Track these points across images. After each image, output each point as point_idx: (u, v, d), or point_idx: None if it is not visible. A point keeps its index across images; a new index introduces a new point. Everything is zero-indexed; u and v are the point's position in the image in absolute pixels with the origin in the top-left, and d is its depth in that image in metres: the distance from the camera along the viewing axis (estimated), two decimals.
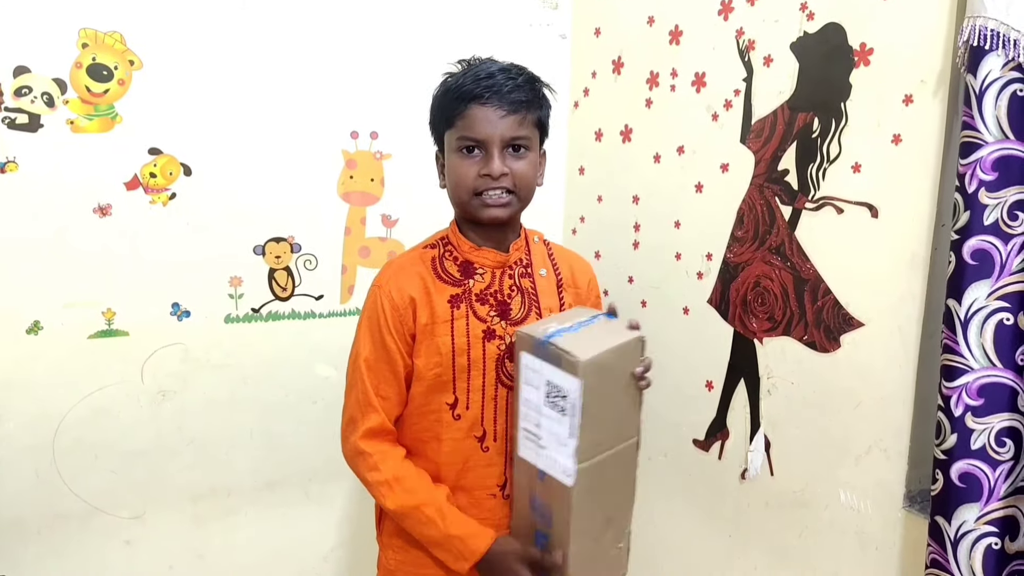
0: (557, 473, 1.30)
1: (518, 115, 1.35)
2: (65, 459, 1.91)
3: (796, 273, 1.74)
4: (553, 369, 1.28)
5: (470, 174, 1.35)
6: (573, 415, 1.26)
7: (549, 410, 1.30)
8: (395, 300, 1.39)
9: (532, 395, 1.33)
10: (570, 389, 1.26)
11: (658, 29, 2.07)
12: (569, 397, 1.26)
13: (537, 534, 1.37)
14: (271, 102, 2.02)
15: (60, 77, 1.80)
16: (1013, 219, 1.32)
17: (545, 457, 1.32)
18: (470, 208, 1.38)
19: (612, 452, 1.34)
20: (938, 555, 1.40)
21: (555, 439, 1.30)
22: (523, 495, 1.39)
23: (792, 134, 1.73)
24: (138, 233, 1.91)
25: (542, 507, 1.35)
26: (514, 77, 1.36)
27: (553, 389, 1.29)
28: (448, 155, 1.39)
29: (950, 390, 1.37)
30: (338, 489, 2.25)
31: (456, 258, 1.43)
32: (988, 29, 1.32)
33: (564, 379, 1.27)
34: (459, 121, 1.35)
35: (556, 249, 1.54)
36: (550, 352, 1.28)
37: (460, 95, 1.34)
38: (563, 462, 1.29)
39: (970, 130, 1.34)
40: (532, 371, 1.32)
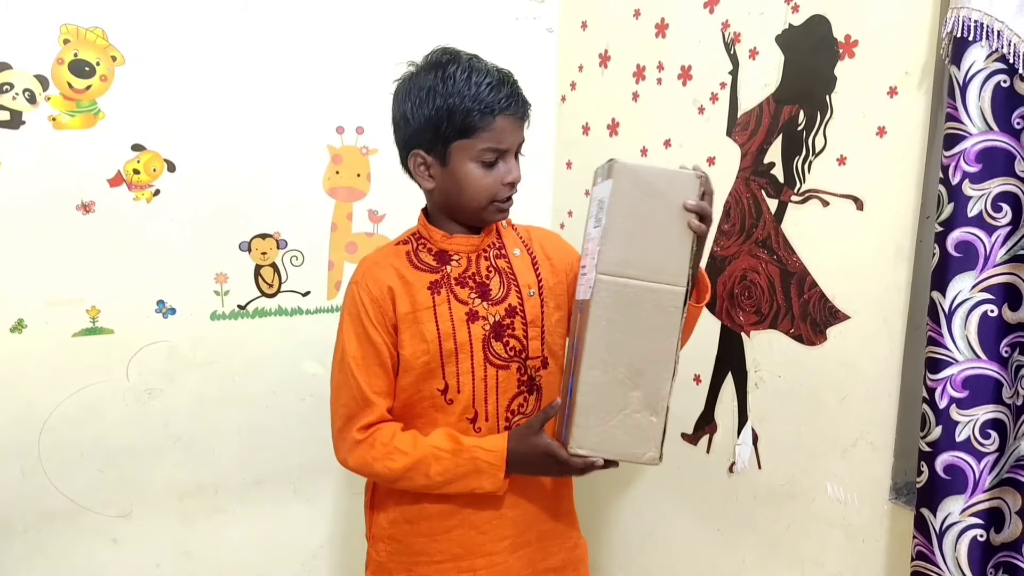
0: (584, 292, 1.25)
1: (526, 121, 1.41)
2: (51, 458, 1.90)
3: (782, 266, 1.74)
4: (601, 184, 1.26)
5: (495, 183, 1.37)
6: (603, 222, 1.21)
7: (593, 230, 1.27)
8: (373, 293, 1.40)
9: (589, 225, 1.30)
10: (606, 195, 1.21)
11: (644, 22, 2.06)
12: (605, 203, 1.21)
13: (570, 378, 1.29)
14: (256, 97, 2.00)
15: (42, 73, 1.78)
16: (997, 211, 1.32)
17: (584, 285, 1.28)
18: (484, 213, 1.40)
19: (647, 286, 1.24)
20: (924, 547, 1.40)
21: (592, 259, 1.24)
22: (571, 342, 1.34)
23: (778, 127, 1.73)
24: (122, 230, 1.90)
25: (575, 344, 1.29)
26: (514, 83, 1.38)
27: (598, 206, 1.25)
28: (460, 163, 1.36)
29: (935, 382, 1.37)
30: (326, 485, 2.24)
31: (430, 249, 1.44)
32: (972, 20, 1.31)
33: (604, 187, 1.23)
34: (484, 133, 1.34)
35: (522, 230, 1.55)
36: (606, 168, 1.26)
37: (486, 107, 1.32)
38: (590, 275, 1.24)
39: (954, 122, 1.33)
40: (594, 201, 1.29)
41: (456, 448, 1.36)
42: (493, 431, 1.43)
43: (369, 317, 1.39)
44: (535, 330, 1.45)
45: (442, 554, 1.45)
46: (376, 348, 1.40)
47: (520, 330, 1.44)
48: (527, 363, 1.44)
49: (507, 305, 1.43)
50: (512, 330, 1.43)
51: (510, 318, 1.43)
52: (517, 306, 1.44)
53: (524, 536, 1.48)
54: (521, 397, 1.45)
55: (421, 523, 1.45)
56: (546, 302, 1.47)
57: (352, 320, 1.41)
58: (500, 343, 1.42)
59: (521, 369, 1.44)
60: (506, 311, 1.43)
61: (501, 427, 1.44)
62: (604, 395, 1.26)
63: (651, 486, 2.13)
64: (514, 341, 1.43)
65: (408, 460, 1.36)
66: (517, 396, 1.44)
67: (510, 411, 1.44)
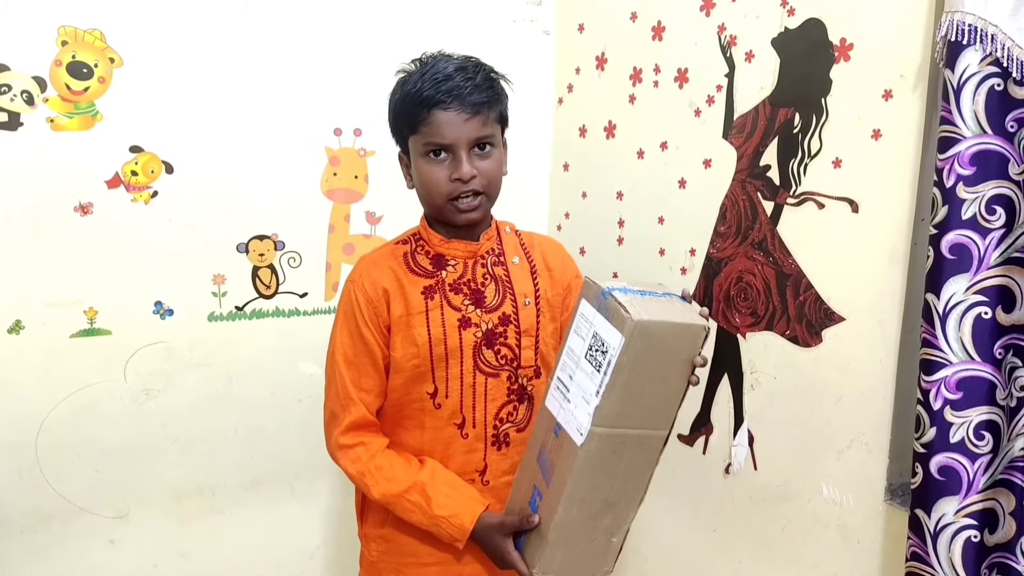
0: (572, 429, 1.25)
1: (480, 116, 1.35)
2: (48, 459, 1.91)
3: (778, 268, 1.74)
4: (604, 322, 1.22)
5: (441, 179, 1.35)
6: (606, 373, 1.20)
7: (587, 363, 1.25)
8: (369, 293, 1.40)
9: (577, 345, 1.27)
10: (612, 345, 1.20)
11: (641, 25, 2.07)
12: (608, 353, 1.20)
13: (535, 490, 1.33)
14: (253, 99, 2.01)
15: (40, 75, 1.79)
16: (991, 213, 1.33)
17: (567, 411, 1.27)
18: (444, 212, 1.39)
19: (636, 434, 1.26)
20: (918, 548, 1.41)
21: (582, 394, 1.24)
22: (535, 446, 1.34)
23: (774, 129, 1.74)
24: (120, 232, 1.90)
25: (547, 463, 1.30)
26: (472, 76, 1.35)
27: (597, 342, 1.23)
28: (415, 160, 1.39)
29: (929, 384, 1.37)
30: (323, 486, 2.25)
31: (428, 252, 1.44)
32: (966, 24, 1.32)
33: (610, 333, 1.21)
34: (423, 127, 1.34)
35: (526, 236, 1.55)
36: (607, 304, 1.22)
37: (422, 101, 1.33)
38: (580, 419, 1.24)
39: (948, 125, 1.34)
40: (585, 320, 1.26)
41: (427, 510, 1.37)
42: (480, 439, 1.44)
43: (363, 316, 1.40)
44: (529, 339, 1.45)
45: (431, 556, 1.45)
46: (368, 347, 1.40)
47: (513, 339, 1.44)
48: (519, 372, 1.44)
49: (501, 313, 1.43)
50: (504, 338, 1.43)
51: (503, 326, 1.43)
52: (511, 314, 1.44)
53: None
54: (511, 406, 1.45)
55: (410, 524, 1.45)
56: (542, 312, 1.47)
57: (346, 318, 1.42)
58: (491, 351, 1.43)
59: (512, 378, 1.44)
60: (499, 319, 1.43)
61: (489, 435, 1.44)
62: (577, 529, 1.29)
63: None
64: (506, 350, 1.43)
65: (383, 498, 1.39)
66: (507, 405, 1.45)
67: (498, 419, 1.44)
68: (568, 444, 1.25)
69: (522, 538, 1.34)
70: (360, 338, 1.40)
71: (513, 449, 1.47)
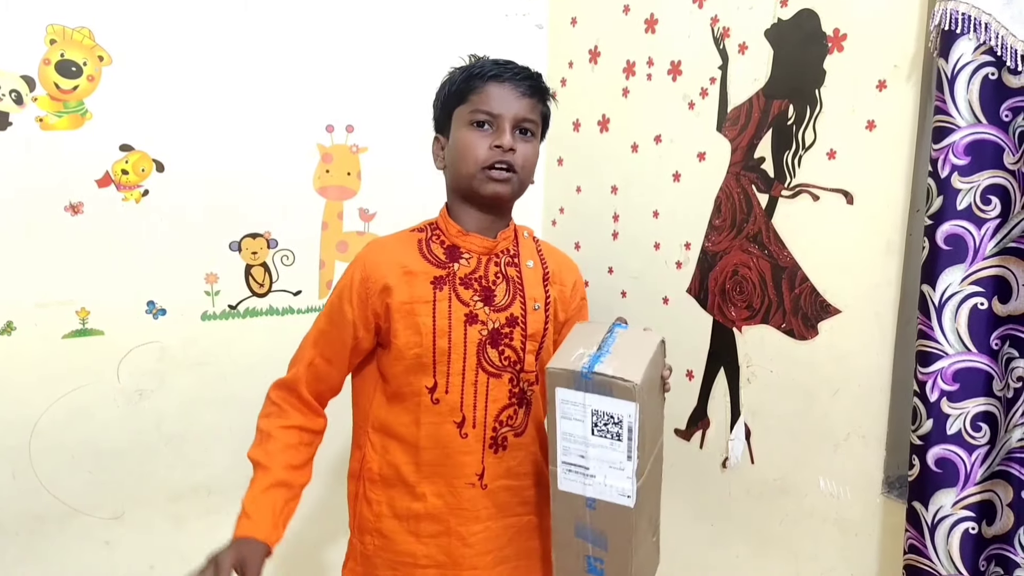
0: (613, 497, 1.29)
1: (531, 99, 1.39)
2: (42, 460, 1.89)
3: (773, 261, 1.74)
4: (601, 398, 1.25)
5: (481, 146, 1.36)
6: (631, 438, 1.24)
7: (599, 439, 1.27)
8: (368, 272, 1.39)
9: (574, 428, 1.29)
10: (624, 414, 1.24)
11: (634, 18, 2.06)
12: (624, 422, 1.24)
13: (589, 560, 1.36)
14: (244, 96, 1.99)
15: (28, 74, 1.77)
16: (986, 203, 1.32)
17: (596, 485, 1.30)
18: (475, 183, 1.38)
19: (654, 458, 1.34)
20: (916, 540, 1.40)
21: (607, 465, 1.28)
22: (566, 526, 1.36)
23: (768, 122, 1.73)
24: (111, 231, 1.89)
25: (594, 533, 1.33)
26: (526, 68, 1.41)
27: (602, 418, 1.26)
28: (457, 131, 1.39)
29: (925, 375, 1.37)
30: (318, 485, 2.22)
31: (443, 242, 1.42)
32: (959, 13, 1.31)
33: (616, 405, 1.24)
34: (474, 96, 1.37)
35: (545, 247, 1.53)
36: (596, 382, 1.25)
37: (480, 73, 1.38)
38: (620, 485, 1.28)
39: (942, 115, 1.34)
40: (572, 404, 1.28)
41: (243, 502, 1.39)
42: (479, 440, 1.42)
43: (351, 293, 1.39)
44: (533, 344, 1.43)
45: (428, 559, 1.43)
46: (343, 319, 1.40)
47: (518, 341, 1.42)
48: (520, 375, 1.43)
49: (509, 314, 1.41)
50: (510, 340, 1.42)
51: (510, 327, 1.41)
52: (519, 317, 1.42)
53: (504, 551, 1.46)
54: (511, 409, 1.43)
55: (409, 521, 1.43)
56: (551, 319, 1.46)
57: (339, 290, 1.42)
58: (495, 351, 1.41)
59: (513, 380, 1.42)
60: (507, 320, 1.41)
61: (488, 436, 1.42)
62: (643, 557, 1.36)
63: None
64: (510, 351, 1.41)
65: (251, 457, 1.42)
66: (507, 408, 1.43)
67: (498, 421, 1.42)
68: (615, 511, 1.29)
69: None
70: (339, 310, 1.40)
71: (509, 454, 1.44)
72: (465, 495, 1.43)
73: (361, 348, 1.43)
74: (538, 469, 1.49)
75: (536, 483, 1.49)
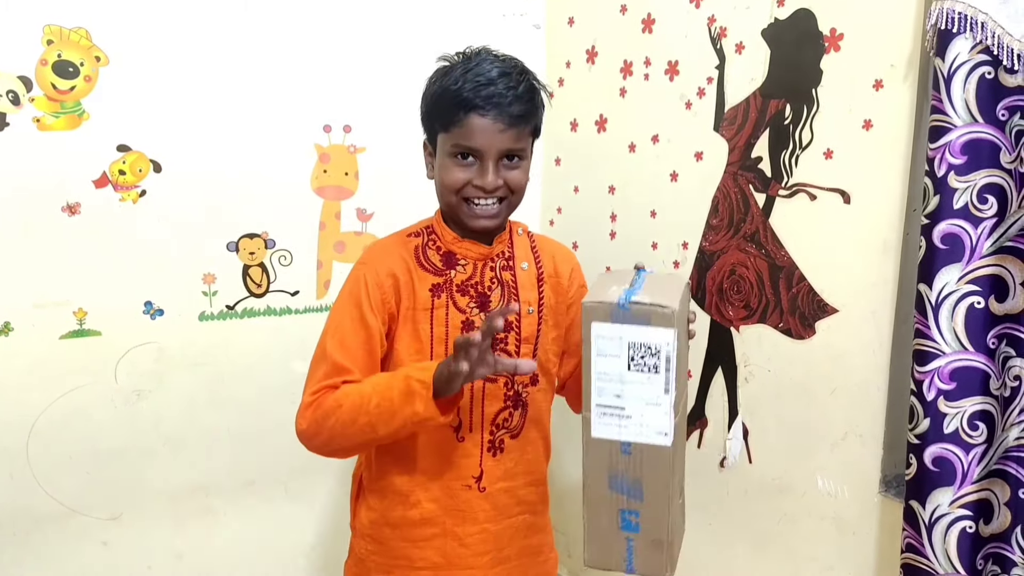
0: (650, 438, 1.25)
1: (516, 129, 1.32)
2: (39, 461, 1.89)
3: (771, 260, 1.74)
4: (638, 328, 1.22)
5: (460, 180, 1.32)
6: (668, 369, 1.21)
7: (636, 374, 1.24)
8: (380, 277, 1.36)
9: (610, 365, 1.25)
10: (663, 343, 1.20)
11: (631, 17, 2.06)
12: (663, 351, 1.21)
13: (623, 515, 1.31)
14: (242, 96, 1.99)
15: (25, 75, 1.77)
16: (982, 202, 1.32)
17: (632, 426, 1.26)
18: (457, 212, 1.36)
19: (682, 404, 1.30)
20: (913, 539, 1.40)
21: (644, 402, 1.24)
22: (598, 481, 1.31)
23: (765, 121, 1.73)
24: (108, 231, 1.89)
25: (629, 483, 1.29)
26: (514, 86, 1.31)
27: (639, 350, 1.23)
28: (441, 155, 1.35)
29: (922, 374, 1.37)
30: (318, 485, 2.24)
31: (439, 248, 1.41)
32: (956, 12, 1.32)
33: (654, 335, 1.21)
34: (455, 129, 1.31)
35: (539, 240, 1.52)
36: (634, 312, 1.21)
37: (460, 102, 1.29)
38: (657, 423, 1.24)
39: (939, 114, 1.34)
40: (608, 339, 1.24)
41: (390, 375, 1.30)
42: (476, 444, 1.42)
43: (368, 300, 1.35)
44: (528, 347, 1.43)
45: (423, 561, 1.43)
46: (368, 332, 1.35)
47: (512, 345, 1.42)
48: (515, 378, 1.42)
49: None
50: (504, 344, 1.41)
51: (504, 332, 1.41)
52: (513, 322, 1.41)
53: (503, 552, 1.46)
54: (507, 411, 1.43)
55: (403, 528, 1.43)
56: (544, 320, 1.45)
57: (351, 299, 1.36)
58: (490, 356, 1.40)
59: (509, 384, 1.42)
60: None
61: (485, 439, 1.42)
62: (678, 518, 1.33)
63: None
64: (504, 356, 1.40)
65: (348, 403, 1.29)
66: (503, 410, 1.42)
67: (495, 424, 1.42)
68: (651, 453, 1.26)
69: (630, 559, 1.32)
70: (361, 322, 1.34)
71: (507, 456, 1.44)
72: (462, 497, 1.43)
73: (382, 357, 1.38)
74: (535, 469, 1.49)
75: (533, 483, 1.49)
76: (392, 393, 1.26)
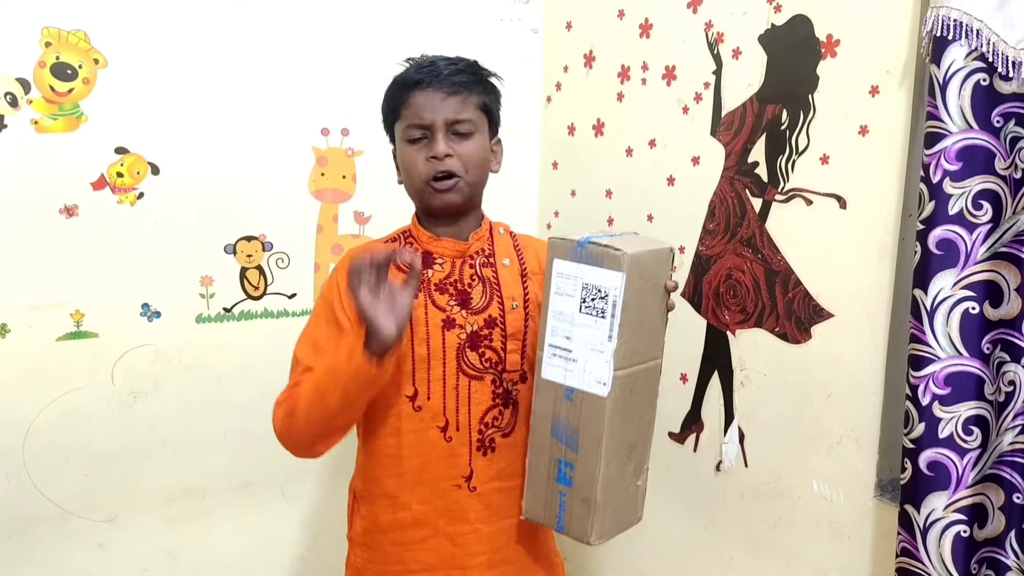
0: (590, 385, 1.24)
1: (458, 96, 1.36)
2: (35, 463, 1.89)
3: (767, 265, 1.74)
4: (592, 269, 1.22)
5: (419, 160, 1.36)
6: (614, 315, 1.20)
7: (585, 316, 1.23)
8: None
9: (565, 305, 1.26)
10: (611, 287, 1.20)
11: (628, 22, 2.07)
12: (610, 296, 1.20)
13: (560, 465, 1.29)
14: (240, 99, 2.00)
15: (23, 76, 1.77)
16: (977, 208, 1.33)
17: (576, 371, 1.25)
18: (425, 197, 1.39)
19: (643, 367, 1.27)
20: (908, 544, 1.41)
21: (590, 347, 1.23)
22: (542, 425, 1.31)
23: (761, 126, 1.74)
24: (106, 233, 1.89)
25: (568, 431, 1.27)
26: (455, 63, 1.38)
27: (591, 292, 1.22)
28: (399, 147, 1.41)
29: (917, 379, 1.37)
30: (314, 488, 2.24)
31: (416, 249, 1.43)
32: (951, 19, 1.32)
33: (605, 276, 1.21)
34: (404, 110, 1.37)
35: (522, 239, 1.53)
36: (590, 252, 1.22)
37: (403, 84, 1.37)
38: (598, 371, 1.23)
39: (934, 120, 1.34)
40: (565, 278, 1.25)
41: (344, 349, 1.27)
42: (465, 443, 1.42)
43: (341, 304, 1.37)
44: (515, 343, 1.43)
45: (417, 563, 1.43)
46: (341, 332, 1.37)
47: (498, 342, 1.42)
48: (503, 376, 1.42)
49: (487, 316, 1.41)
50: (489, 341, 1.41)
51: (488, 329, 1.41)
52: (497, 317, 1.42)
53: (501, 553, 1.46)
54: (496, 410, 1.43)
55: (395, 532, 1.44)
56: (531, 316, 1.45)
57: (325, 304, 1.41)
58: (475, 353, 1.40)
59: (496, 381, 1.42)
60: (485, 321, 1.41)
61: (474, 439, 1.41)
62: (617, 483, 1.28)
63: None
64: (490, 352, 1.41)
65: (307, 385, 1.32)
66: (492, 409, 1.42)
67: (483, 423, 1.42)
68: (590, 402, 1.24)
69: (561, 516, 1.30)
70: (335, 324, 1.38)
71: (499, 455, 1.44)
72: (451, 497, 1.43)
73: None
74: None
75: None
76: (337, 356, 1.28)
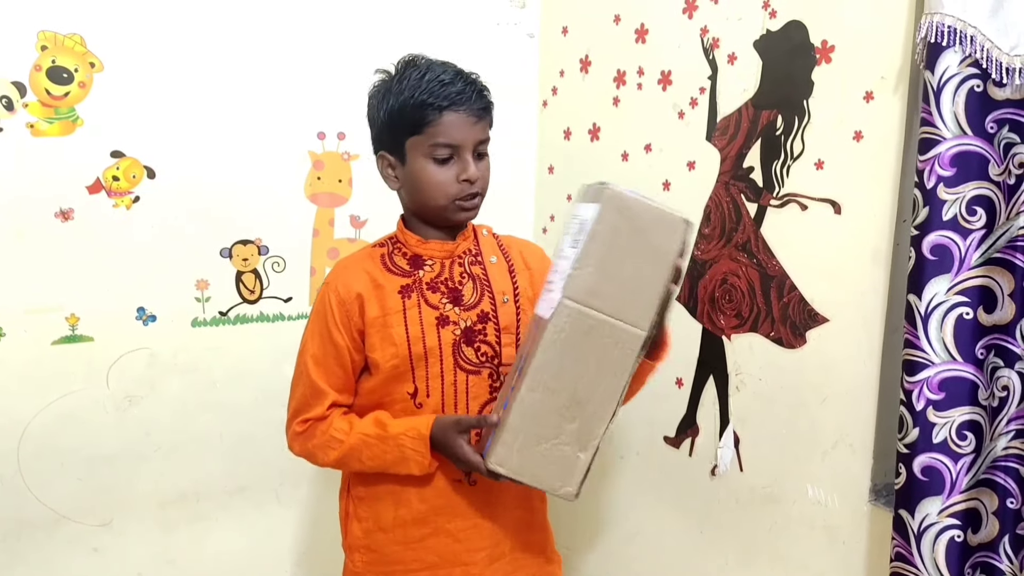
0: (545, 311, 1.21)
1: (484, 120, 1.40)
2: (30, 467, 1.89)
3: (762, 270, 1.75)
4: (587, 205, 1.21)
5: (449, 180, 1.37)
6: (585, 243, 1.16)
7: (569, 248, 1.22)
8: (342, 295, 1.41)
9: (565, 243, 1.26)
10: (588, 216, 1.18)
11: (624, 27, 2.07)
12: (585, 225, 1.18)
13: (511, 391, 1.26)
14: (236, 103, 2.00)
15: (19, 80, 1.77)
16: (971, 214, 1.34)
17: (546, 301, 1.23)
18: (447, 213, 1.40)
19: (610, 323, 1.19)
20: (902, 548, 1.41)
21: (560, 277, 1.21)
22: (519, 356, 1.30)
23: (756, 131, 1.74)
24: (101, 237, 1.89)
25: (522, 357, 1.26)
26: (472, 83, 1.39)
27: (578, 226, 1.21)
28: (416, 162, 1.38)
29: (912, 384, 1.38)
30: (309, 492, 2.23)
31: (405, 253, 1.45)
32: (945, 25, 1.33)
33: (586, 209, 1.20)
34: (430, 128, 1.35)
35: (504, 239, 1.55)
36: (593, 189, 1.22)
37: (430, 103, 1.34)
38: (555, 295, 1.19)
39: (928, 126, 1.35)
40: (573, 219, 1.26)
41: (382, 435, 1.38)
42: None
43: (335, 319, 1.41)
44: (509, 336, 1.45)
45: (418, 562, 1.44)
46: (336, 349, 1.42)
47: (493, 336, 1.44)
48: (500, 369, 1.44)
49: (479, 311, 1.43)
50: (484, 336, 1.43)
51: (482, 323, 1.43)
52: (490, 312, 1.44)
53: (499, 548, 1.47)
54: (494, 403, 1.45)
55: (396, 531, 1.44)
56: (523, 309, 1.46)
57: (318, 319, 1.43)
58: (471, 348, 1.42)
59: (493, 375, 1.44)
60: (478, 316, 1.43)
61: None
62: (538, 420, 1.22)
63: (634, 489, 2.14)
64: (486, 347, 1.43)
65: (341, 450, 1.40)
66: (490, 402, 1.44)
67: None
68: (541, 326, 1.21)
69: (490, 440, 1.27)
70: (329, 339, 1.41)
71: None
72: (451, 492, 1.44)
73: (358, 369, 1.45)
74: None
75: None
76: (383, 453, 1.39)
